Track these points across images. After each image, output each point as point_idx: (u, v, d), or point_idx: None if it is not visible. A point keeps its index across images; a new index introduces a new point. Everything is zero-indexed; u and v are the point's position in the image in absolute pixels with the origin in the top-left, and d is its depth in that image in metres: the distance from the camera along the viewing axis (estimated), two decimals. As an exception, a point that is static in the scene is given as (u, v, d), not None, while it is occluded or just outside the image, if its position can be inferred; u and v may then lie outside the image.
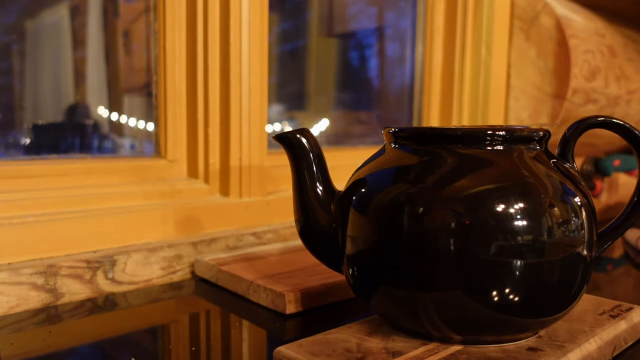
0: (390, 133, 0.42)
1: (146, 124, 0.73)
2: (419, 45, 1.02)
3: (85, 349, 0.45)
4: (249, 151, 0.70)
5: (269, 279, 0.54)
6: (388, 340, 0.40)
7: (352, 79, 1.08)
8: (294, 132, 0.45)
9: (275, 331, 0.48)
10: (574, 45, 0.91)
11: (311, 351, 0.38)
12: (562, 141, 0.44)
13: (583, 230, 0.38)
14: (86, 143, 0.70)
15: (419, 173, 0.38)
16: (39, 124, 0.64)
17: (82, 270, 0.55)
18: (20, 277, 0.51)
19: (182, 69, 0.69)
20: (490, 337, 0.39)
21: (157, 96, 0.69)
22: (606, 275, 0.69)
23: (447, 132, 0.39)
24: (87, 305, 0.53)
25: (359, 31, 1.07)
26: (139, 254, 0.59)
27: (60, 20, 0.73)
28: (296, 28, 1.01)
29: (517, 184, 0.37)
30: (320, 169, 0.45)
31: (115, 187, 0.63)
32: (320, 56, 1.03)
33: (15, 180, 0.58)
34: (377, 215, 0.38)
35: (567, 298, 0.38)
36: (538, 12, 0.94)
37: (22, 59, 0.65)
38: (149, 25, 0.70)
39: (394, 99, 1.09)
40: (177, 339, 0.48)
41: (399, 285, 0.38)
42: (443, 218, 0.36)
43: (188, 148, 0.71)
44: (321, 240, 0.44)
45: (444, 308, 0.37)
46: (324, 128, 1.01)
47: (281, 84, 0.98)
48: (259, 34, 0.70)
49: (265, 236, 0.70)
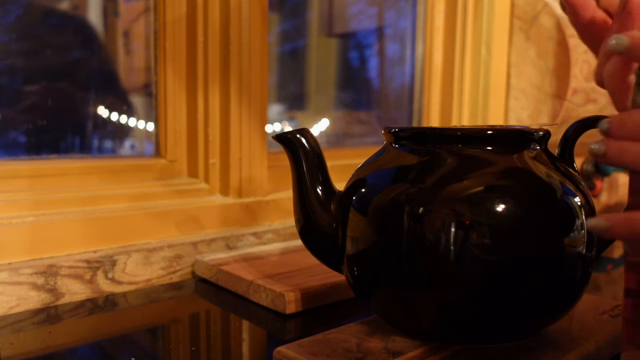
0: (390, 133, 0.42)
1: (146, 124, 0.73)
2: (419, 45, 1.02)
3: (85, 349, 0.45)
4: (249, 151, 0.70)
5: (269, 279, 0.54)
6: (388, 340, 0.40)
7: (352, 79, 1.08)
8: (294, 132, 0.45)
9: (275, 331, 0.48)
10: (574, 45, 0.91)
11: (311, 351, 0.38)
12: (562, 141, 0.44)
13: (583, 230, 0.38)
14: (86, 143, 0.70)
15: (419, 173, 0.38)
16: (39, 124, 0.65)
17: (82, 270, 0.55)
18: (20, 277, 0.51)
19: (182, 69, 0.69)
20: (490, 337, 0.39)
21: (157, 96, 0.69)
22: (606, 275, 0.69)
23: (447, 132, 0.39)
24: (87, 305, 0.53)
25: (359, 31, 1.07)
26: (139, 254, 0.59)
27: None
28: (296, 28, 1.01)
29: (517, 184, 0.37)
30: (320, 169, 0.45)
31: (115, 187, 0.63)
32: (320, 56, 1.03)
33: (15, 180, 0.58)
34: (377, 215, 0.38)
35: (567, 298, 0.38)
36: (538, 12, 0.94)
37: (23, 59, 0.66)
38: (149, 25, 0.70)
39: (394, 99, 1.09)
40: (177, 339, 0.48)
41: (398, 285, 0.38)
42: (443, 218, 0.36)
43: (188, 148, 0.71)
44: (321, 240, 0.44)
45: (444, 308, 0.37)
46: (324, 128, 1.01)
47: (281, 84, 0.98)
48: (259, 34, 0.70)
49: (265, 236, 0.70)
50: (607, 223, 0.29)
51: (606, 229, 0.29)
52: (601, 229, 0.29)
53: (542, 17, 0.94)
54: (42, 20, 0.68)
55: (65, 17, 0.71)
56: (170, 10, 0.68)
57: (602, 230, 0.29)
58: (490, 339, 0.39)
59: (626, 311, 0.29)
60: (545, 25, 0.93)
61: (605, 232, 0.29)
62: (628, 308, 0.29)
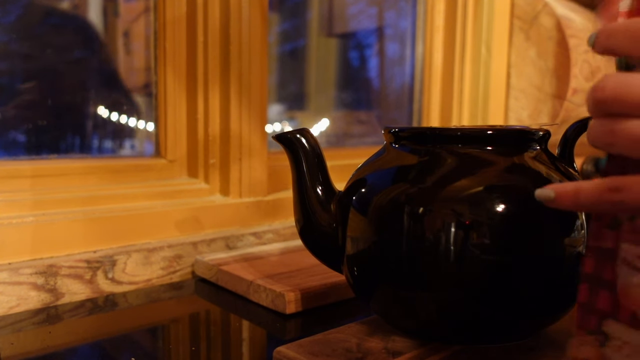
0: (390, 133, 0.42)
1: (146, 124, 0.73)
2: (419, 45, 1.02)
3: (85, 349, 0.45)
4: (249, 151, 0.70)
5: (269, 279, 0.54)
6: (388, 340, 0.40)
7: (352, 79, 1.08)
8: (294, 132, 0.45)
9: (275, 331, 0.48)
10: (574, 45, 0.91)
11: (311, 351, 0.38)
12: (562, 141, 0.44)
13: (583, 230, 0.38)
14: (86, 143, 0.70)
15: (419, 173, 0.38)
16: (39, 124, 0.65)
17: (82, 270, 0.55)
18: (20, 277, 0.51)
19: (182, 69, 0.69)
20: (490, 337, 0.39)
21: (157, 96, 0.69)
22: (606, 275, 0.69)
23: (447, 132, 0.39)
24: (87, 305, 0.53)
25: (359, 31, 1.07)
26: (139, 254, 0.59)
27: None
28: (296, 28, 1.01)
29: (517, 184, 0.37)
30: (320, 169, 0.45)
31: (115, 187, 0.63)
32: (320, 56, 1.03)
33: (16, 180, 0.58)
34: (377, 215, 0.38)
35: (567, 298, 0.38)
36: (538, 12, 0.94)
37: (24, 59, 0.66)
38: (149, 25, 0.70)
39: (394, 99, 1.09)
40: (177, 339, 0.48)
41: (398, 285, 0.38)
42: (443, 218, 0.36)
43: (188, 148, 0.71)
44: (321, 240, 0.44)
45: (444, 308, 0.37)
46: (324, 128, 1.01)
47: (281, 84, 0.98)
48: (259, 34, 0.70)
49: (265, 236, 0.70)
50: (552, 193, 0.28)
51: (551, 198, 0.28)
52: (546, 198, 0.29)
53: (542, 17, 0.94)
54: (43, 20, 0.68)
55: (66, 17, 0.71)
56: (170, 10, 0.68)
57: (547, 200, 0.29)
58: (490, 339, 0.39)
59: (581, 295, 0.30)
60: (545, 25, 0.93)
61: (551, 202, 0.28)
62: (583, 292, 0.30)
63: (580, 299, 0.30)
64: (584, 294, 0.30)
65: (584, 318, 0.30)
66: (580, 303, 0.30)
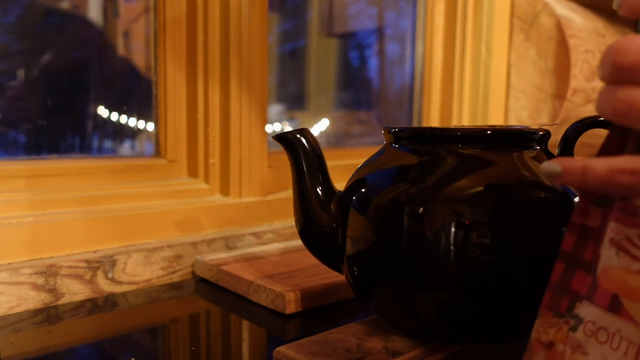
0: (390, 133, 0.42)
1: (146, 124, 0.73)
2: (419, 45, 1.02)
3: (85, 349, 0.45)
4: (249, 151, 0.70)
5: (269, 279, 0.54)
6: (388, 340, 0.40)
7: (352, 79, 1.08)
8: (294, 132, 0.45)
9: (275, 331, 0.48)
10: (574, 45, 0.91)
11: (311, 351, 0.38)
12: (562, 141, 0.44)
13: (583, 230, 0.38)
14: (86, 143, 0.70)
15: (419, 173, 0.38)
16: (39, 124, 0.65)
17: (82, 270, 0.55)
18: (20, 277, 0.51)
19: (182, 69, 0.69)
20: (490, 337, 0.39)
21: (157, 96, 0.69)
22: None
23: (447, 132, 0.39)
24: (87, 305, 0.53)
25: (359, 31, 1.07)
26: (139, 254, 0.59)
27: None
28: (296, 28, 1.01)
29: (517, 184, 0.37)
30: (320, 169, 0.45)
31: (115, 187, 0.63)
32: (320, 56, 1.03)
33: (15, 180, 0.58)
34: (377, 215, 0.38)
35: (567, 298, 0.38)
36: (538, 12, 0.94)
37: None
38: (149, 25, 0.70)
39: (394, 99, 1.09)
40: (177, 339, 0.48)
41: (398, 285, 0.38)
42: (443, 218, 0.36)
43: (188, 148, 0.71)
44: (321, 240, 0.44)
45: (444, 308, 0.37)
46: (324, 128, 1.01)
47: (281, 84, 0.98)
48: (259, 34, 0.70)
49: (265, 236, 0.70)
50: (558, 167, 0.26)
51: (557, 173, 0.26)
52: (551, 172, 0.26)
53: (542, 17, 0.94)
54: (43, 20, 0.68)
55: (66, 17, 0.71)
56: (170, 10, 0.68)
57: (553, 175, 0.26)
58: (490, 339, 0.39)
59: (555, 274, 0.27)
60: (545, 25, 0.93)
61: (556, 177, 0.26)
62: (557, 272, 0.27)
63: (553, 278, 0.28)
64: (557, 273, 0.27)
65: (554, 299, 0.27)
66: (552, 282, 0.28)
